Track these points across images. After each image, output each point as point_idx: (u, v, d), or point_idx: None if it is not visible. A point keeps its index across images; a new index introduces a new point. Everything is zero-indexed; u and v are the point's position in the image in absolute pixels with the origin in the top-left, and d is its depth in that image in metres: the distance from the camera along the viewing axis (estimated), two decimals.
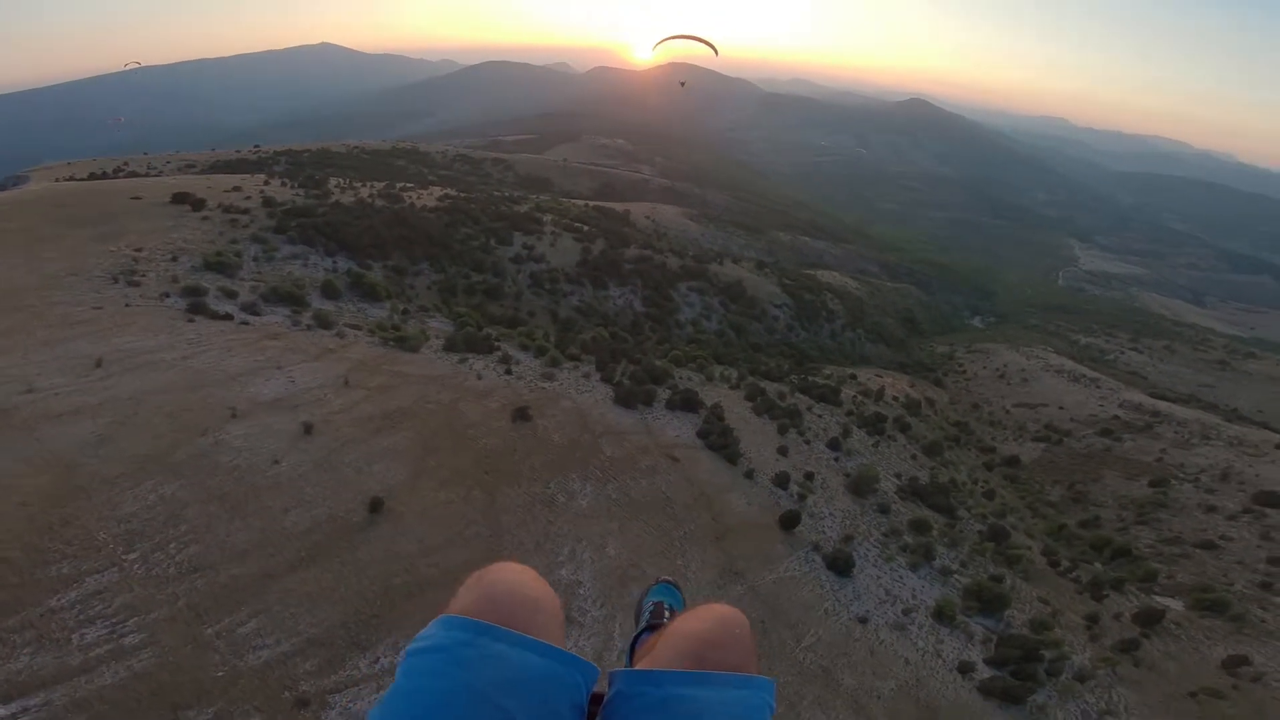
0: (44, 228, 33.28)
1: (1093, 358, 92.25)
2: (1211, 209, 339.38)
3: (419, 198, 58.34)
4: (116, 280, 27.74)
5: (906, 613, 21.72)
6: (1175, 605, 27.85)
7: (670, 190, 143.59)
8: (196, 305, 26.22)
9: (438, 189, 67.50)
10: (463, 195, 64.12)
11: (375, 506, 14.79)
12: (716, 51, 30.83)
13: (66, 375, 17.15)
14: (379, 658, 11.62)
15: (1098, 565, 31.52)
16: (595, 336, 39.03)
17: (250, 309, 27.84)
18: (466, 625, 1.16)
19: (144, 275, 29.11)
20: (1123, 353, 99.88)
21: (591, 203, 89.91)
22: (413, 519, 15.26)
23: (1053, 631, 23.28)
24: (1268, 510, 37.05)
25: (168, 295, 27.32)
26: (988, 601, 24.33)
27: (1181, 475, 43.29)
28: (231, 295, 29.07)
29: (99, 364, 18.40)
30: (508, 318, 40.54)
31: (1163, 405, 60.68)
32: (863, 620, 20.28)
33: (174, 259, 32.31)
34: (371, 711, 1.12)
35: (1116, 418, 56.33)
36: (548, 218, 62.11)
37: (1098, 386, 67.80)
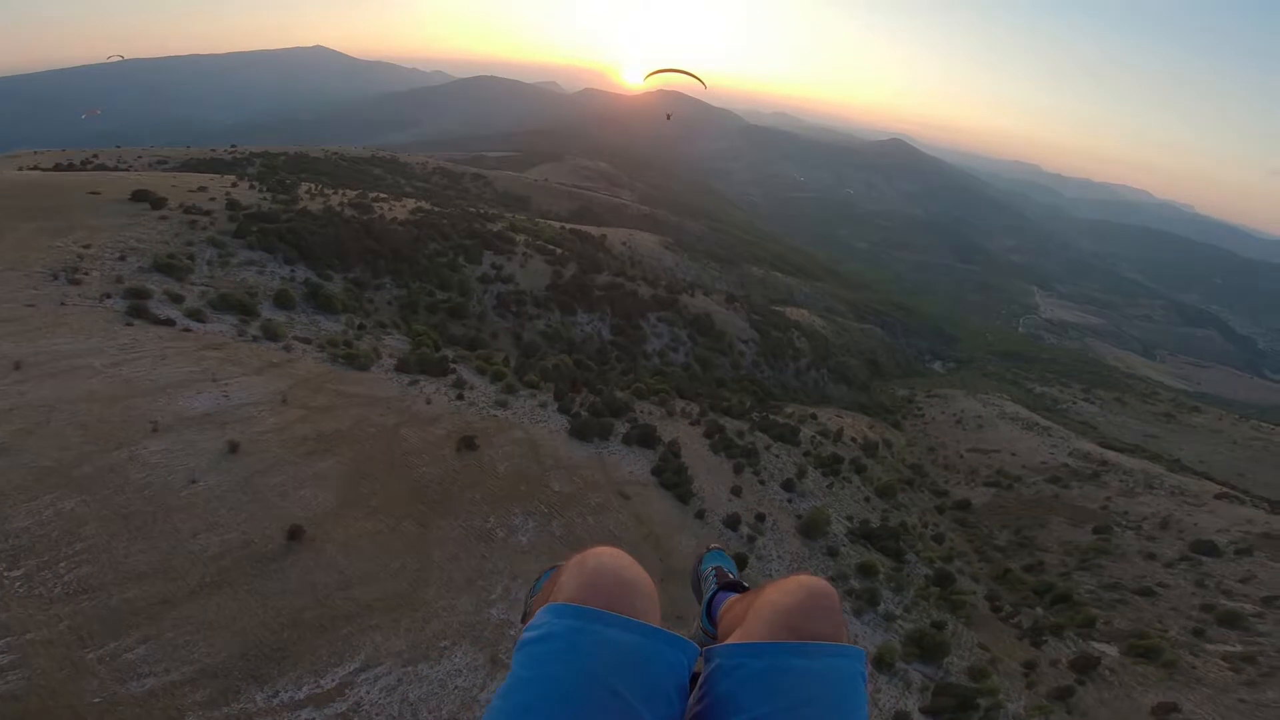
0: None
1: (1047, 407, 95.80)
2: (1167, 259, 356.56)
3: (390, 209, 57.71)
4: (56, 277, 26.68)
5: None
6: (1111, 651, 28.38)
7: (649, 217, 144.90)
8: (137, 308, 25.29)
9: (412, 201, 66.93)
10: (436, 209, 63.66)
11: (294, 534, 14.18)
12: (705, 85, 31.55)
13: None
14: (278, 692, 11.01)
15: (1039, 610, 31.99)
16: (557, 364, 38.66)
17: (195, 315, 26.95)
18: (576, 612, 1.21)
19: (87, 274, 28.04)
20: (1075, 403, 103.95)
21: (568, 225, 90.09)
22: (334, 549, 14.66)
23: (990, 679, 23.36)
24: (1203, 558, 38.29)
25: (109, 296, 26.32)
26: (928, 649, 24.38)
27: (1124, 523, 44.54)
28: (177, 300, 28.14)
29: (17, 366, 17.51)
30: (468, 339, 39.99)
31: (1110, 455, 62.72)
32: None
33: (122, 258, 31.24)
34: (493, 702, 1.16)
35: (1066, 465, 58.04)
36: (521, 238, 61.94)
37: (1049, 435, 69.90)
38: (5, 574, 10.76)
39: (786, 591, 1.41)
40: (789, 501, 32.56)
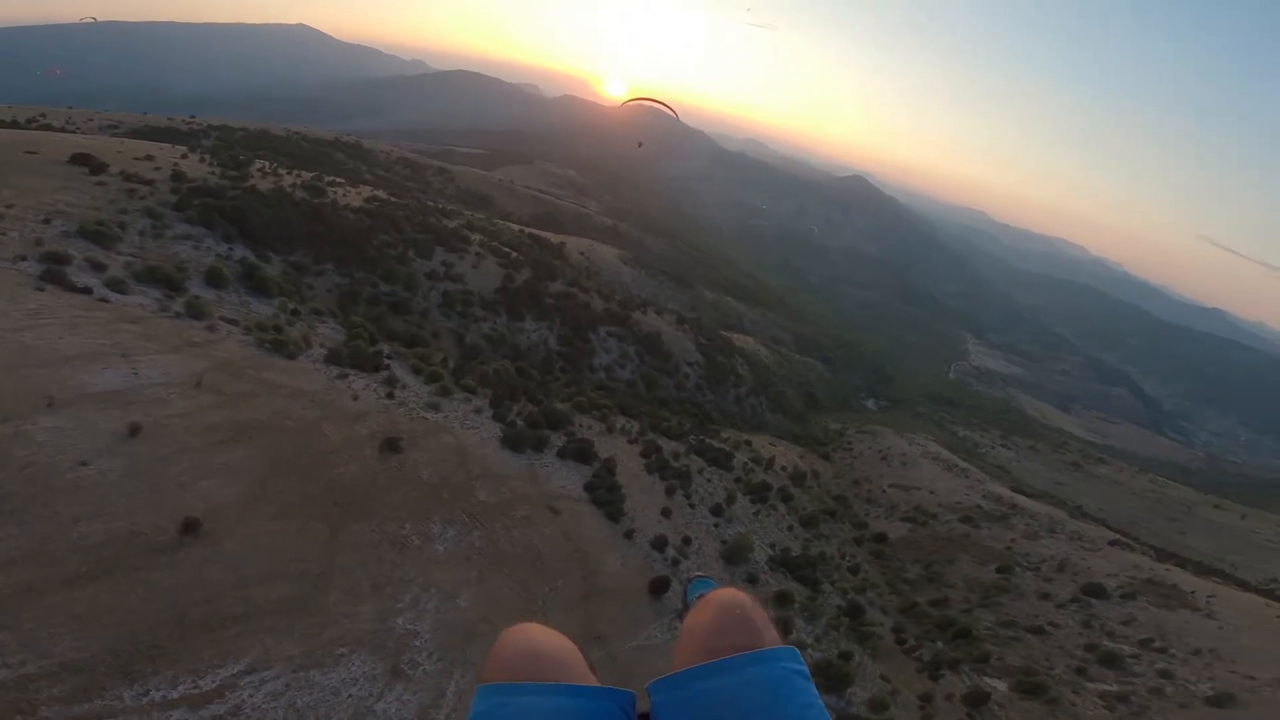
0: None
1: (967, 449, 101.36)
2: (1093, 316, 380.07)
3: (345, 195, 56.25)
4: None
5: None
6: (1001, 687, 29.64)
7: (612, 230, 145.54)
8: (53, 273, 23.81)
9: (369, 189, 65.32)
10: (393, 200, 62.38)
11: (189, 527, 13.57)
12: (677, 116, 32.27)
13: None
14: (149, 690, 10.43)
15: (939, 644, 33.19)
16: (498, 369, 38.28)
17: (116, 286, 25.55)
18: (496, 690, 1.24)
19: (4, 234, 26.37)
20: (994, 448, 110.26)
21: (528, 229, 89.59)
22: (232, 546, 14.08)
23: (889, 711, 24.11)
24: (1093, 600, 40.35)
25: (23, 259, 24.72)
26: (834, 679, 24.96)
27: (1025, 564, 46.66)
28: (99, 268, 26.63)
29: None
30: (408, 335, 39.10)
31: (1020, 499, 65.99)
32: None
33: (47, 221, 29.43)
34: None
35: (978, 506, 60.54)
36: (476, 237, 61.25)
37: (967, 476, 73.10)
38: None
39: (700, 612, 1.46)
40: (716, 526, 33.05)
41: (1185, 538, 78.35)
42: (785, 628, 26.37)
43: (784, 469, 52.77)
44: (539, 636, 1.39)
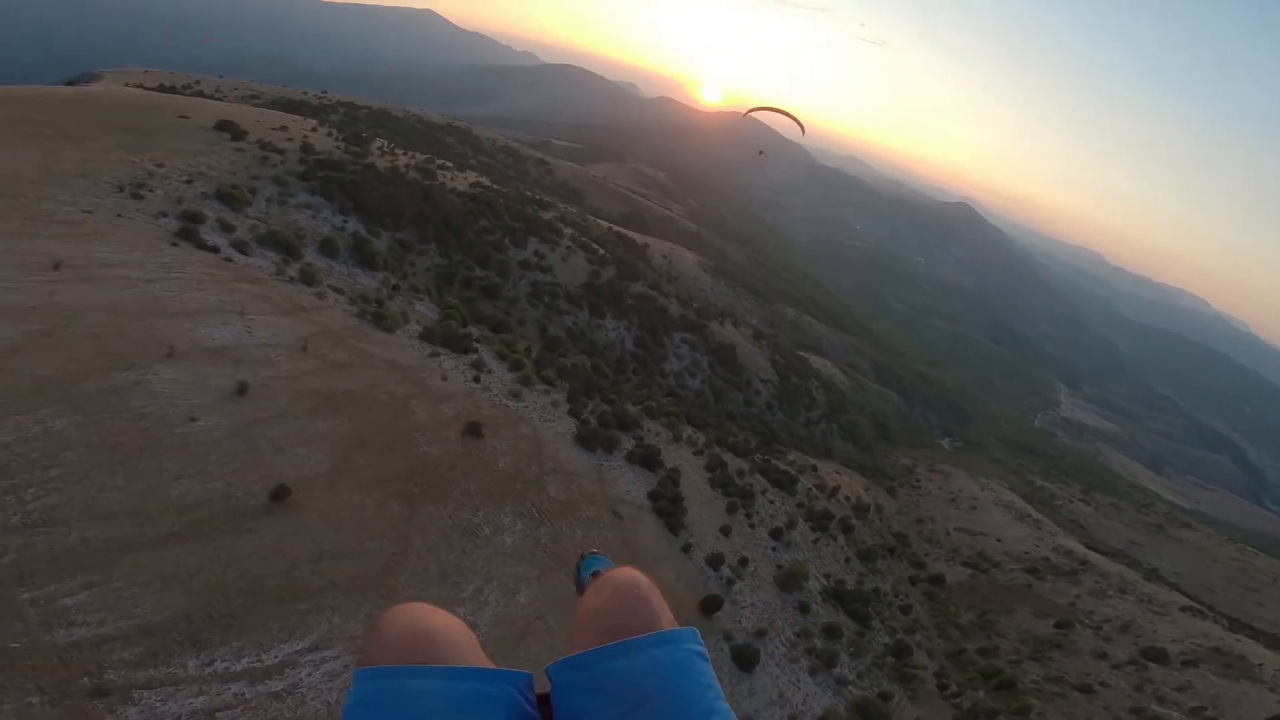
0: (77, 128, 32.97)
1: (1042, 500, 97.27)
2: (1203, 377, 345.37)
3: (452, 179, 58.12)
4: (122, 190, 27.14)
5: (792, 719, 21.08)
6: None
7: (694, 235, 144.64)
8: (187, 231, 25.51)
9: (474, 174, 67.42)
10: (495, 187, 64.02)
11: (279, 495, 13.88)
12: (804, 130, 30.99)
13: (16, 271, 16.32)
14: (214, 660, 10.56)
15: (980, 693, 32.11)
16: (576, 364, 38.30)
17: (240, 247, 27.14)
18: (381, 673, 1.17)
19: (151, 191, 28.48)
20: (1072, 501, 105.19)
21: (615, 227, 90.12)
22: (315, 517, 14.33)
23: None
24: (1150, 664, 38.46)
25: (164, 215, 26.63)
26: (870, 718, 24.07)
27: (1087, 621, 44.82)
28: (228, 229, 28.40)
29: (57, 267, 17.60)
30: (495, 320, 39.81)
31: (1093, 556, 62.57)
32: None
33: (189, 181, 31.77)
34: None
35: (1046, 559, 57.93)
36: (568, 231, 61.94)
37: (1039, 527, 69.93)
38: None
39: (597, 593, 1.41)
40: (774, 550, 32.47)
41: (1263, 609, 72.98)
42: (830, 660, 25.71)
43: (848, 499, 51.58)
44: (427, 616, 1.28)
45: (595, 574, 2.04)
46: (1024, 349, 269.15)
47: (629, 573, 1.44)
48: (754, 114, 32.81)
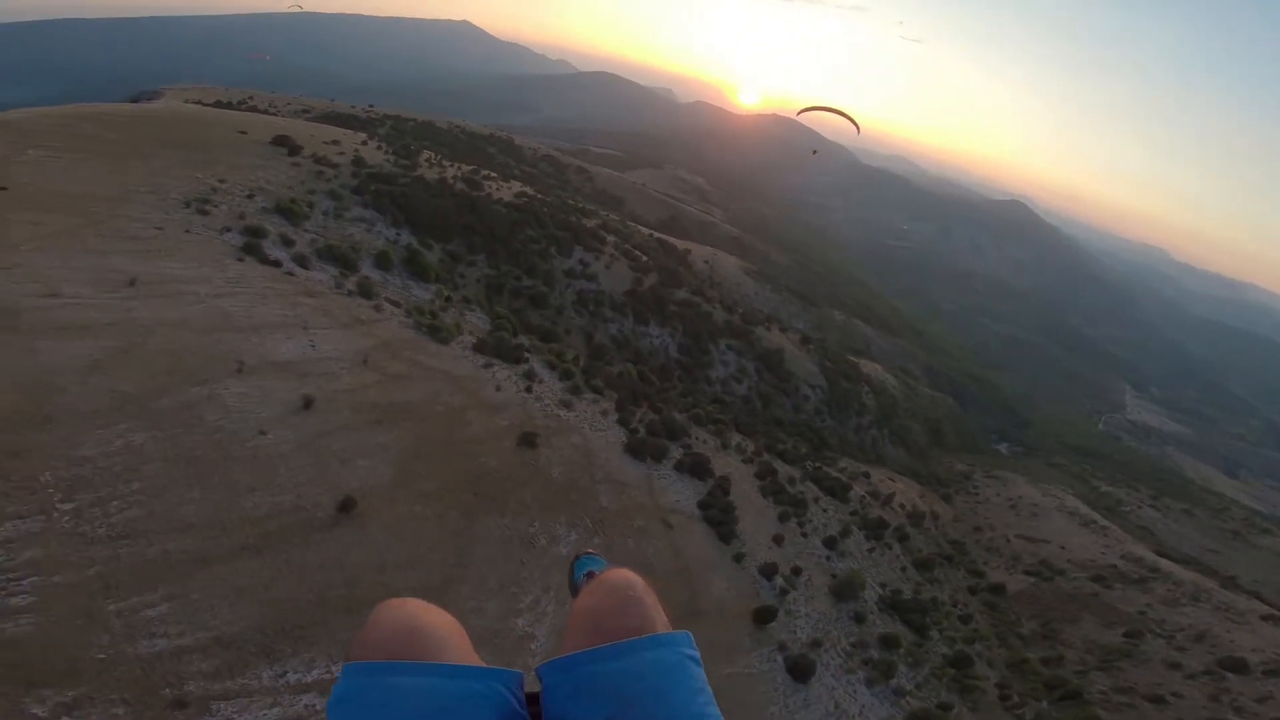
0: (144, 144, 34.45)
1: (1109, 506, 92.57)
2: None
3: (497, 189, 59.03)
4: (188, 205, 28.16)
5: None
6: None
7: (736, 240, 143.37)
8: (250, 246, 26.38)
9: (518, 184, 68.32)
10: (538, 196, 64.74)
11: (346, 506, 14.06)
12: (859, 129, 29.99)
13: (94, 288, 17.05)
14: (286, 672, 10.70)
15: (1044, 704, 31.07)
16: (622, 372, 38.20)
17: (301, 261, 27.92)
18: (369, 669, 1.15)
19: (215, 206, 29.48)
20: (1140, 507, 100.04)
21: (656, 233, 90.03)
22: (379, 529, 14.47)
23: None
24: (1228, 674, 36.53)
25: (228, 230, 27.55)
26: None
27: (1158, 630, 42.83)
28: (288, 243, 29.25)
29: (131, 283, 18.35)
30: (543, 329, 40.07)
31: (1164, 563, 59.56)
32: None
33: (250, 196, 32.80)
34: None
35: (1114, 567, 55.30)
36: (611, 239, 62.06)
37: (1105, 534, 66.75)
38: (58, 505, 10.68)
39: (591, 594, 1.40)
40: (827, 559, 31.91)
41: None
42: (887, 671, 25.04)
43: (902, 507, 50.45)
44: (418, 612, 1.26)
45: (590, 574, 2.05)
46: (1085, 350, 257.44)
47: (624, 574, 1.42)
48: (801, 115, 32.17)
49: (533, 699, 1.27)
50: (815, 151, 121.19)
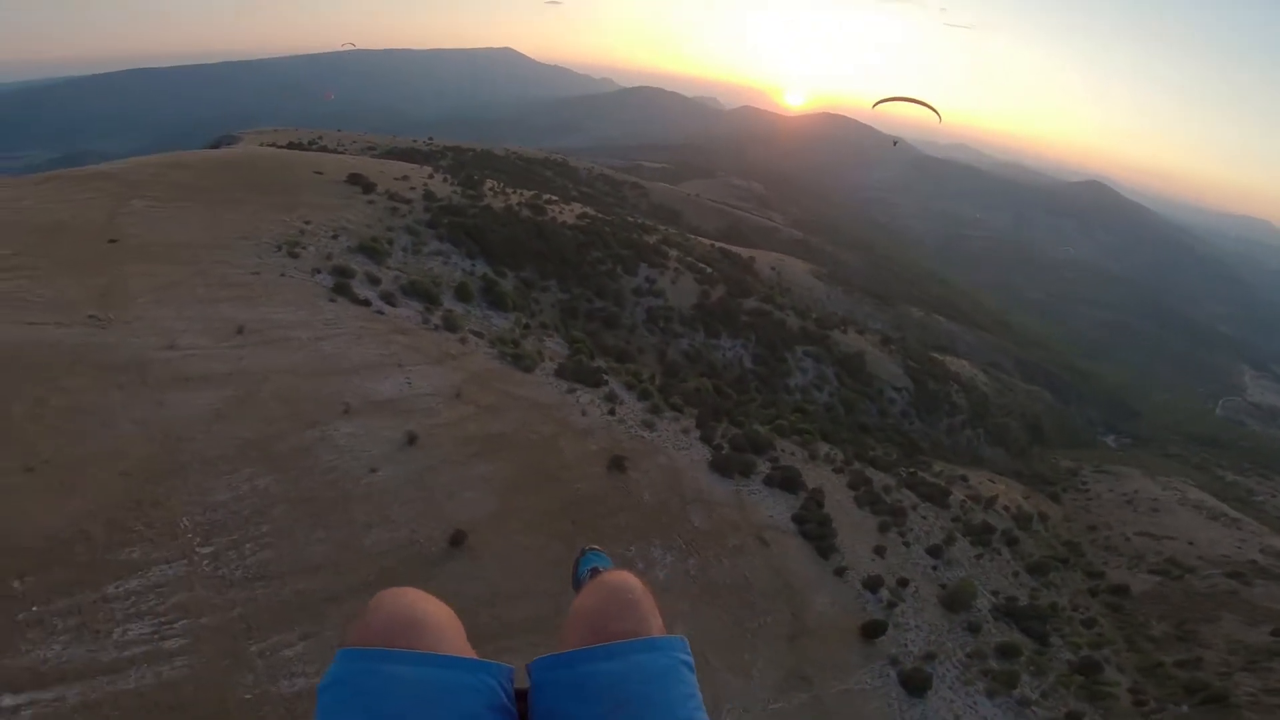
0: (234, 190, 36.36)
1: (1239, 498, 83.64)
2: None
3: (560, 212, 60.06)
4: (280, 249, 29.37)
5: None
6: None
7: (800, 243, 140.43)
8: (341, 286, 27.50)
9: (579, 206, 69.39)
10: (600, 216, 65.46)
11: (457, 539, 14.20)
12: (940, 117, 28.78)
13: (208, 338, 18.07)
14: None
15: (1184, 708, 28.76)
16: (699, 387, 37.67)
17: (388, 299, 28.98)
18: (363, 655, 1.17)
19: (304, 248, 30.67)
20: (1275, 496, 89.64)
21: (717, 243, 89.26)
22: (489, 560, 14.53)
23: None
24: None
25: (319, 271, 28.79)
26: None
27: None
28: (375, 282, 30.38)
29: (240, 331, 19.38)
30: (619, 350, 40.14)
31: None
32: None
33: (335, 237, 34.03)
34: None
35: (1253, 562, 50.12)
36: (674, 253, 61.89)
37: (1239, 528, 60.60)
38: (198, 549, 11.16)
39: (589, 594, 1.42)
40: (934, 569, 30.41)
41: None
42: (1010, 682, 23.72)
43: (1006, 509, 47.66)
44: (417, 602, 1.28)
45: (594, 570, 2.05)
46: (1192, 332, 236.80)
47: (623, 576, 1.43)
48: (876, 108, 31.09)
49: (521, 695, 1.26)
50: (896, 142, 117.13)
